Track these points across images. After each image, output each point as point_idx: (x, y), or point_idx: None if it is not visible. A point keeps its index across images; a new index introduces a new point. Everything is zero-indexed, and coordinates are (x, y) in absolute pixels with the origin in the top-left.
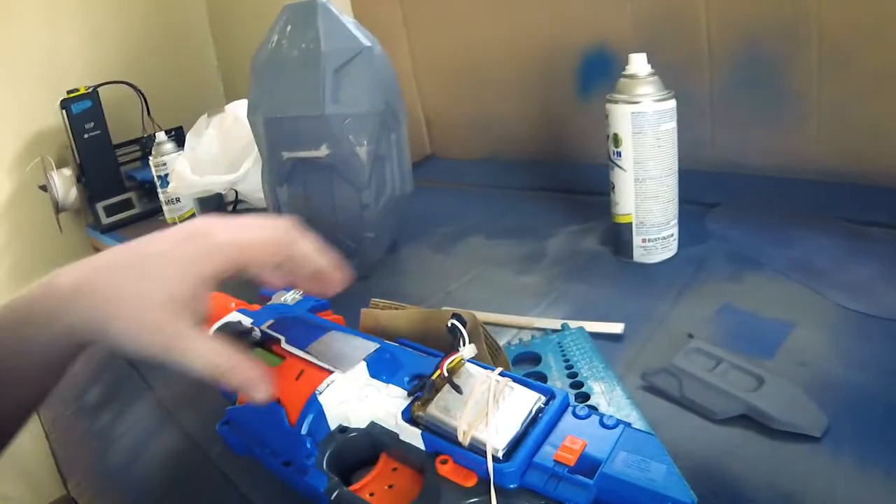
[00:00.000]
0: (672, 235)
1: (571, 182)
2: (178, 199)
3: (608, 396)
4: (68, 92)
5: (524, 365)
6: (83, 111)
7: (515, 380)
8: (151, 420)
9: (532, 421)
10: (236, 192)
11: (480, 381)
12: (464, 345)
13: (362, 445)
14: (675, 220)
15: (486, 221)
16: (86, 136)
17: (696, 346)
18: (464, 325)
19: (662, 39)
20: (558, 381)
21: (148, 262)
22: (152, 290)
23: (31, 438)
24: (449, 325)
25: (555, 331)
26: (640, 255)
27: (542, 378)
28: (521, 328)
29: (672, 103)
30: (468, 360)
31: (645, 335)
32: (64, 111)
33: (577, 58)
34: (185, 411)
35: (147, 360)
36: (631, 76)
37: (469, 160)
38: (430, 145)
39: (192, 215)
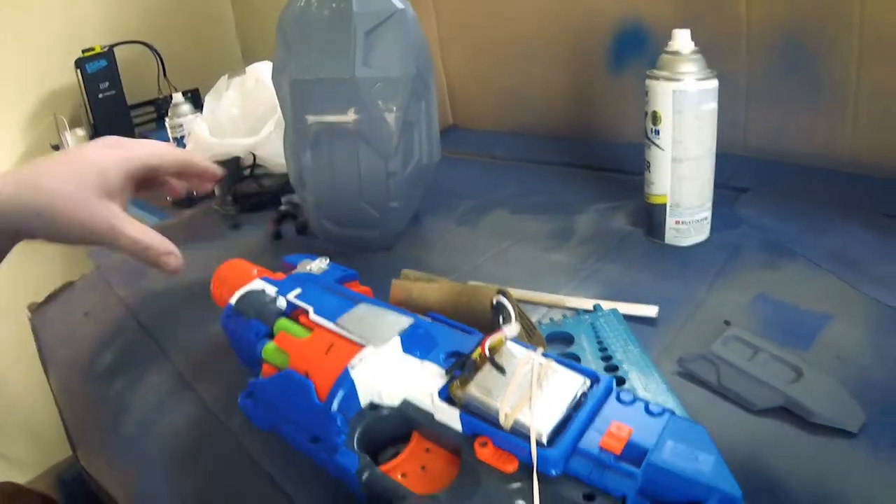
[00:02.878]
0: (706, 219)
1: (599, 159)
2: None
3: (644, 382)
4: (83, 51)
5: (556, 345)
6: (98, 70)
7: (558, 362)
8: (166, 388)
9: (576, 405)
10: (254, 156)
11: (523, 363)
12: (507, 323)
13: (394, 424)
14: (710, 204)
15: (511, 196)
16: (100, 95)
17: (734, 333)
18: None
19: (700, 17)
20: (592, 364)
21: (79, 160)
22: (85, 182)
23: (40, 399)
24: (494, 301)
25: (587, 311)
26: (672, 237)
27: (576, 360)
28: (551, 306)
29: (714, 83)
30: (511, 340)
31: (680, 319)
32: (78, 70)
33: (610, 32)
34: (202, 380)
35: (84, 241)
36: (674, 53)
37: (493, 132)
38: (452, 115)
39: None
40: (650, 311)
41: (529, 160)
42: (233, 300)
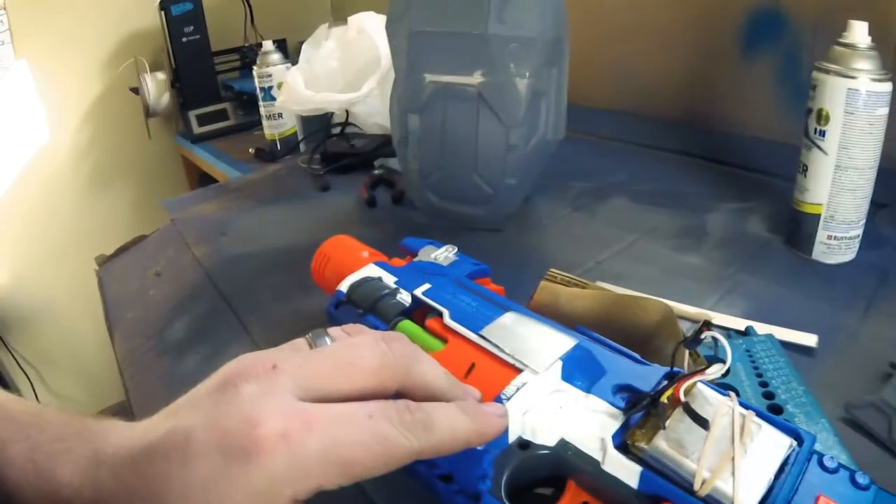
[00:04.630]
0: (858, 237)
1: (724, 151)
2: (280, 115)
3: (812, 430)
4: None
5: None
6: (183, 13)
7: (758, 414)
8: None
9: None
10: (348, 113)
11: (721, 413)
12: (715, 363)
13: (545, 467)
14: (864, 221)
15: (628, 181)
16: (184, 39)
17: None
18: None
19: (846, 8)
20: (752, 401)
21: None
22: None
23: (104, 360)
24: (703, 337)
25: (738, 332)
26: (820, 252)
27: (735, 392)
28: (694, 321)
29: (889, 86)
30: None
31: (837, 352)
32: (163, 12)
33: (742, 13)
34: None
35: None
36: (848, 45)
37: (605, 110)
38: None
39: (294, 134)
40: (810, 340)
41: (643, 144)
42: (343, 286)
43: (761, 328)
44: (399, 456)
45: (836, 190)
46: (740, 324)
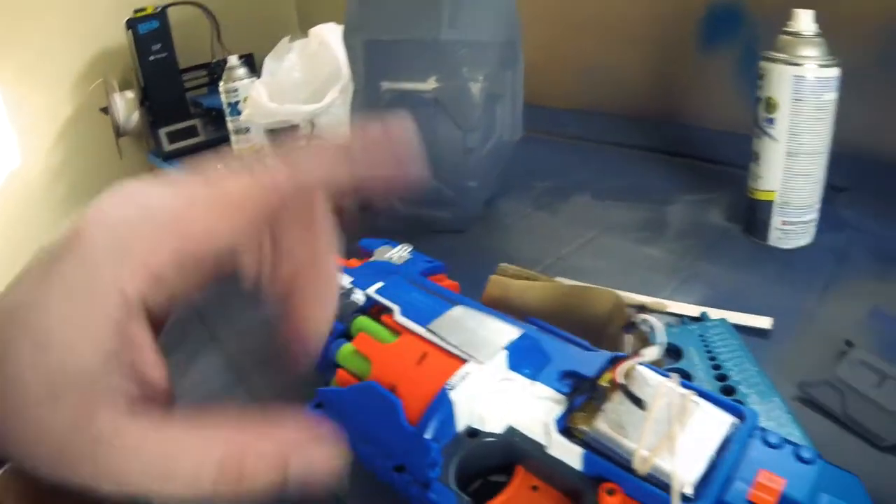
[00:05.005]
0: (813, 220)
1: (685, 145)
2: (248, 129)
3: (764, 408)
4: (135, 11)
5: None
6: (150, 32)
7: (699, 393)
8: (216, 380)
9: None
10: (313, 124)
11: (661, 393)
12: (650, 345)
13: (494, 454)
14: (819, 205)
15: (591, 179)
16: (151, 58)
17: (859, 357)
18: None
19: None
20: (706, 384)
21: (26, 319)
22: (47, 371)
23: None
24: (639, 319)
25: (693, 319)
26: (776, 238)
27: (687, 378)
28: (651, 311)
29: (836, 71)
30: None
31: (793, 334)
32: (130, 31)
33: (701, 8)
34: (256, 374)
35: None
36: (794, 34)
37: (568, 109)
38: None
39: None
40: (764, 322)
41: (607, 141)
42: None
43: (716, 314)
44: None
45: (788, 176)
46: (695, 310)
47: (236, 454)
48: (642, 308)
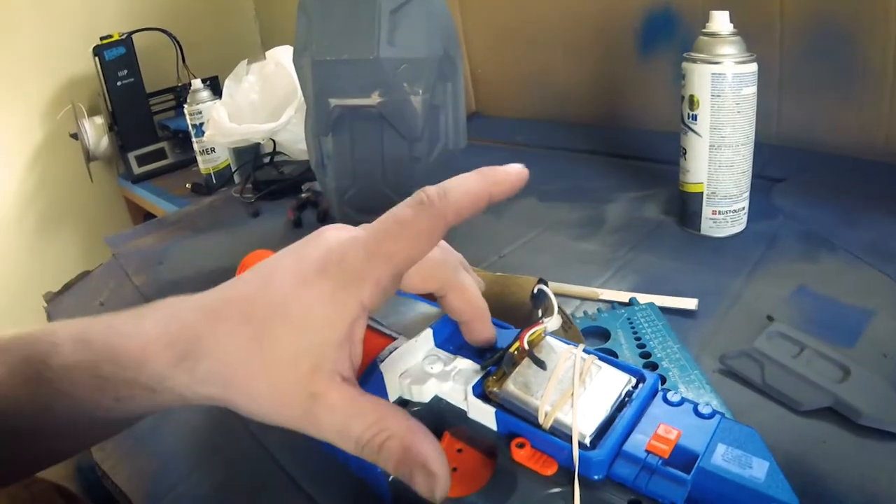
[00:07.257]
0: (743, 209)
1: (628, 147)
2: (213, 150)
3: (684, 380)
4: (101, 38)
5: (591, 340)
6: (116, 58)
7: (601, 358)
8: None
9: (620, 406)
10: (274, 142)
11: (564, 358)
12: (548, 315)
13: (424, 422)
14: (747, 194)
15: (538, 183)
16: (119, 83)
17: (777, 329)
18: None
19: (732, 1)
20: (630, 361)
21: (271, 312)
22: (278, 351)
23: None
24: (535, 291)
25: (623, 304)
26: (708, 227)
27: (613, 356)
28: (584, 299)
29: (753, 67)
30: (548, 335)
31: (719, 313)
32: (97, 58)
33: (639, 15)
34: None
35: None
36: (711, 34)
37: (517, 118)
38: (475, 102)
39: (227, 167)
40: (689, 304)
41: (555, 147)
42: None
43: (645, 298)
44: (426, 228)
45: (714, 168)
46: (625, 297)
47: (382, 429)
48: (539, 281)
